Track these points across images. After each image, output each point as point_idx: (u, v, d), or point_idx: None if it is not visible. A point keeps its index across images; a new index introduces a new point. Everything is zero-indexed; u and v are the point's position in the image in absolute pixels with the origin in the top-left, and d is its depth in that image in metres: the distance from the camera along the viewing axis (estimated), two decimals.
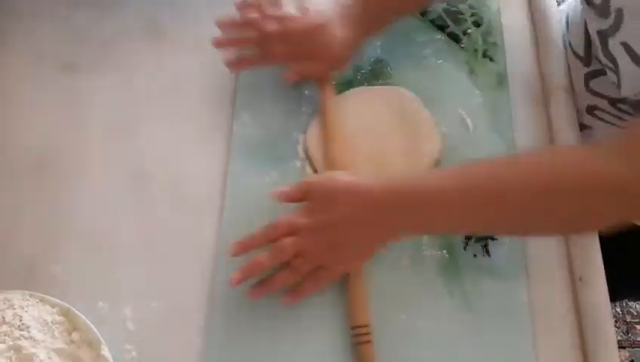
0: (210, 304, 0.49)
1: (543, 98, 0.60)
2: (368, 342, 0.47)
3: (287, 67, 0.56)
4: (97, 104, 0.58)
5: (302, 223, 0.48)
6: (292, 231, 0.48)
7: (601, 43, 0.52)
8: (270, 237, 0.48)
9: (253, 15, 0.56)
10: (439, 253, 0.52)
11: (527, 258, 0.52)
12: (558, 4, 0.66)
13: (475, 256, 0.51)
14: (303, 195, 0.49)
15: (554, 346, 0.49)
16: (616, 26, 0.49)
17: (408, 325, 0.49)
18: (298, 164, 0.55)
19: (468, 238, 0.52)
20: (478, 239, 0.52)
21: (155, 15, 0.62)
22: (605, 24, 0.50)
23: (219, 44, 0.57)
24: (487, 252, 0.51)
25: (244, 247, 0.48)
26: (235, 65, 0.57)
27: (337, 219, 0.47)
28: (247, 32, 0.56)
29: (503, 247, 0.52)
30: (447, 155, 0.55)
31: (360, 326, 0.48)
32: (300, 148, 0.56)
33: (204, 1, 0.63)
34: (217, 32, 0.58)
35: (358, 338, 0.47)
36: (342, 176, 0.49)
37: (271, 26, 0.55)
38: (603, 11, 0.50)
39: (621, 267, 0.56)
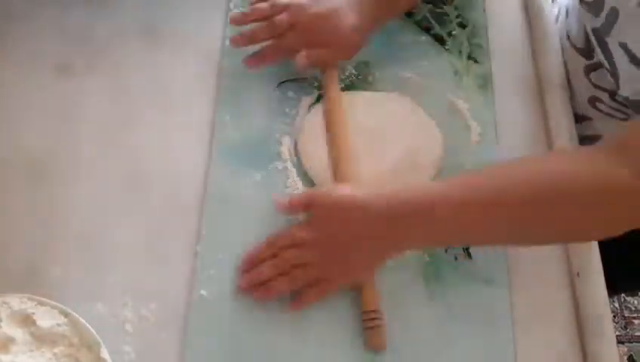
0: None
1: (539, 95, 0.62)
2: (380, 326, 0.49)
3: (298, 53, 0.57)
4: (92, 105, 0.58)
5: (305, 236, 0.49)
6: (294, 243, 0.50)
7: (597, 41, 0.53)
8: (273, 250, 0.50)
9: (263, 6, 0.58)
10: (421, 255, 0.53)
11: (510, 259, 0.53)
12: None
13: (456, 258, 0.53)
14: (305, 207, 0.51)
15: (552, 342, 0.51)
16: (609, 25, 0.50)
17: (388, 326, 0.49)
18: (280, 165, 0.56)
19: None
20: None
21: (150, 16, 0.63)
22: (598, 22, 0.51)
23: (236, 43, 0.59)
24: (469, 254, 0.53)
25: (252, 261, 0.51)
26: (253, 63, 0.59)
27: (342, 233, 0.49)
28: (259, 26, 0.58)
29: (484, 250, 0.53)
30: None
31: (371, 311, 0.50)
32: (283, 150, 0.57)
33: (199, 3, 0.64)
34: (214, 33, 0.60)
35: (369, 323, 0.49)
36: (345, 190, 0.50)
37: (281, 17, 0.57)
38: (596, 9, 0.51)
39: (618, 260, 0.57)
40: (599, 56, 0.54)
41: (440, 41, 0.63)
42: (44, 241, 0.53)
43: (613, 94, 0.59)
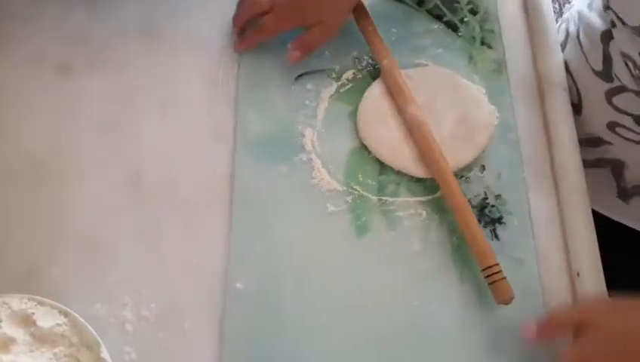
0: (210, 305, 0.50)
1: (539, 94, 0.61)
2: (503, 278, 0.49)
3: (289, 51, 0.59)
4: (93, 105, 0.59)
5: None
6: None
7: None
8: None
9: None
10: (449, 238, 0.53)
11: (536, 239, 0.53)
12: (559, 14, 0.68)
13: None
14: (577, 328, 0.46)
15: (552, 342, 0.50)
16: None
17: (421, 310, 0.51)
18: (304, 157, 0.57)
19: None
20: (487, 223, 0.53)
21: (150, 16, 0.63)
22: None
23: (240, 47, 0.61)
24: (497, 236, 0.53)
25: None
26: (240, 46, 0.61)
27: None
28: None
29: (513, 230, 0.53)
30: None
31: (490, 266, 0.50)
32: (306, 141, 0.57)
33: (200, 1, 0.65)
34: (214, 32, 0.61)
35: (492, 278, 0.50)
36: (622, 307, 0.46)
37: (261, 4, 0.59)
38: None
39: (619, 262, 0.56)
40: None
41: (453, 28, 0.64)
42: (44, 241, 0.53)
43: (637, 119, 0.58)
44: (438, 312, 0.51)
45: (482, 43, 0.63)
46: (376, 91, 0.59)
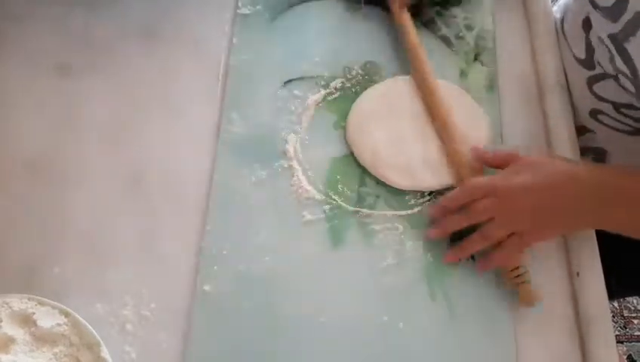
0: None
1: (539, 94, 0.62)
2: (529, 281, 0.51)
3: None
4: (92, 105, 0.58)
5: (501, 185, 0.50)
6: (488, 193, 0.50)
7: (616, 49, 0.52)
8: (467, 198, 0.51)
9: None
10: (423, 255, 0.54)
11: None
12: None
13: (459, 259, 0.53)
14: (504, 163, 0.52)
15: (552, 341, 0.52)
16: (632, 29, 0.49)
17: (390, 326, 0.51)
18: (285, 163, 0.57)
19: (452, 241, 0.54)
20: None
21: (151, 16, 0.63)
22: (616, 28, 0.50)
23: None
24: (472, 256, 0.53)
25: (442, 209, 0.52)
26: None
27: (542, 184, 0.49)
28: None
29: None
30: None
31: (516, 268, 0.51)
32: (288, 148, 0.57)
33: (199, 3, 0.64)
34: (214, 32, 0.61)
35: (517, 279, 0.51)
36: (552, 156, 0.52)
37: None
38: (615, 14, 0.50)
39: (616, 267, 0.57)
40: (617, 65, 0.53)
41: (446, 42, 0.64)
42: (44, 241, 0.53)
43: (617, 106, 0.59)
44: (405, 329, 0.50)
45: (475, 59, 0.63)
46: (370, 98, 0.59)
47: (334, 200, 0.55)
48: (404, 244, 0.54)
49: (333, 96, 0.60)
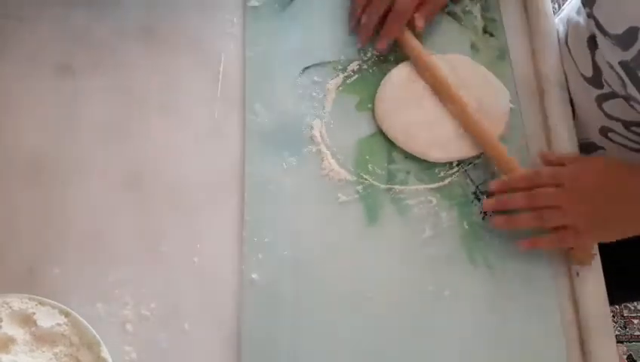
0: (211, 304, 0.52)
1: (539, 94, 0.62)
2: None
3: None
4: (92, 105, 0.59)
5: (570, 178, 0.51)
6: (557, 183, 0.51)
7: (628, 75, 0.52)
8: (533, 183, 0.52)
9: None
10: (459, 224, 0.56)
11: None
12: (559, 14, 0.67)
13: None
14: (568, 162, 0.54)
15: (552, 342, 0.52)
16: None
17: (437, 295, 0.53)
18: (314, 148, 0.58)
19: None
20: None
21: (151, 16, 0.63)
22: (627, 55, 0.50)
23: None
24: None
25: (505, 186, 0.53)
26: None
27: (608, 190, 0.51)
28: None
29: None
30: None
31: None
32: (315, 133, 0.58)
33: (199, 3, 0.64)
34: (214, 32, 0.61)
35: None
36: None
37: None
38: (625, 43, 0.50)
39: (615, 271, 0.58)
40: (628, 90, 0.53)
41: (455, 17, 0.64)
42: (44, 241, 0.53)
43: (626, 124, 0.59)
44: (451, 295, 0.53)
45: (485, 31, 0.64)
46: (397, 76, 0.60)
47: (366, 179, 0.57)
48: (439, 216, 0.56)
49: (352, 78, 0.61)
